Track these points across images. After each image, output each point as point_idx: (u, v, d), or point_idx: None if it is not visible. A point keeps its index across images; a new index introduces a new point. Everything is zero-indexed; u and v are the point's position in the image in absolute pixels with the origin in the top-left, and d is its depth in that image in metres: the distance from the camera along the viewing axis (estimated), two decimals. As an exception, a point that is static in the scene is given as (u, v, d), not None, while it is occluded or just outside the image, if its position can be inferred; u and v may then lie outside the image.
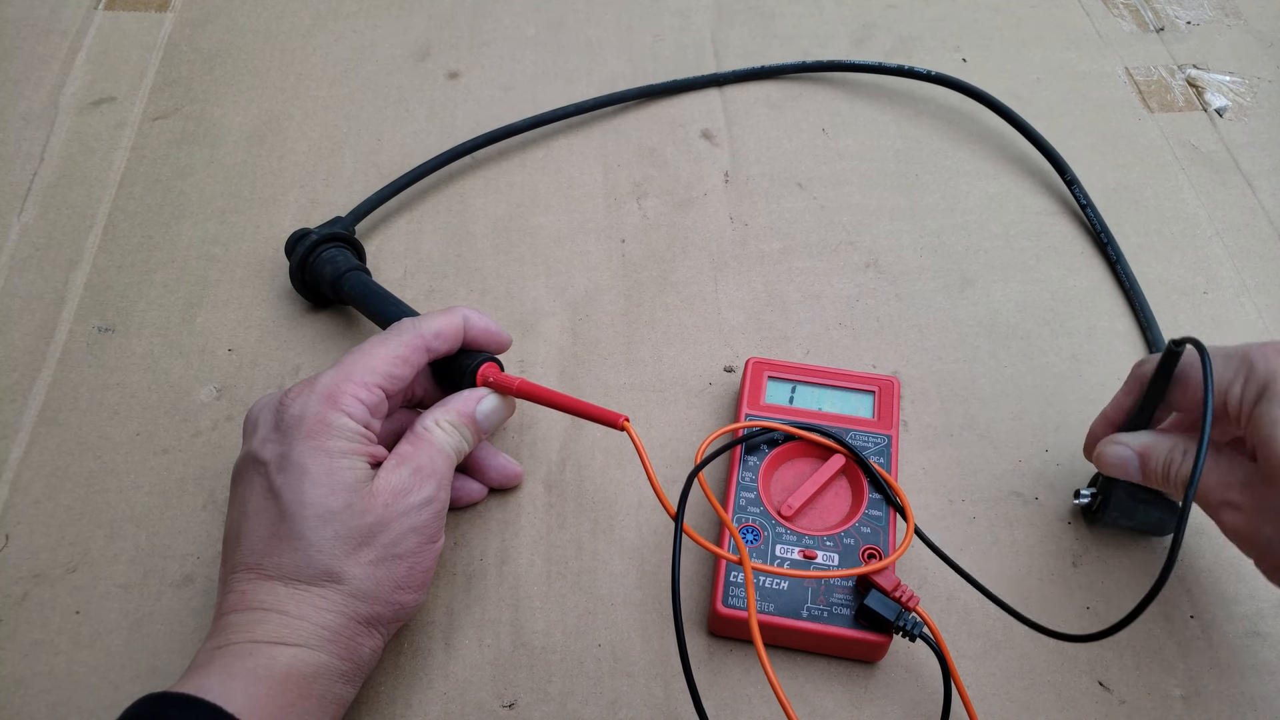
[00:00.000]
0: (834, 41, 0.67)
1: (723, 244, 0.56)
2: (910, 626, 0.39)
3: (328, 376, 0.39)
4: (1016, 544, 0.45)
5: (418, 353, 0.41)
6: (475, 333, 0.44)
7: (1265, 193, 0.59)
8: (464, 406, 0.42)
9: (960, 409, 0.49)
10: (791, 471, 0.45)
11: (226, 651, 0.35)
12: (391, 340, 0.41)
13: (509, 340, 0.45)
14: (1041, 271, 0.55)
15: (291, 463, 0.37)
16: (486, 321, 0.44)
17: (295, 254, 0.51)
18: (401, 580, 0.38)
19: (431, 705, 0.40)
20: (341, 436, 0.38)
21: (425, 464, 0.39)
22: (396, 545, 0.37)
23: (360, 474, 0.38)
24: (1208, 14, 0.70)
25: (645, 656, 0.42)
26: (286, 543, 0.36)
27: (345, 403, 0.38)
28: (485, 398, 0.43)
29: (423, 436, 0.40)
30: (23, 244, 0.55)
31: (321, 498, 0.36)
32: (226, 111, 0.62)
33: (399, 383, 0.40)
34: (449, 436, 0.41)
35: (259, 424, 0.39)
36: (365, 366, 0.39)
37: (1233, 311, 0.53)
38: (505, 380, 0.43)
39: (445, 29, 0.67)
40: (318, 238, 0.51)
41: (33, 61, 0.64)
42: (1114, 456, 0.41)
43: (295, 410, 0.38)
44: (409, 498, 0.38)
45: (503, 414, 0.44)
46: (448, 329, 0.42)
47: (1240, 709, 0.40)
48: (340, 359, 0.40)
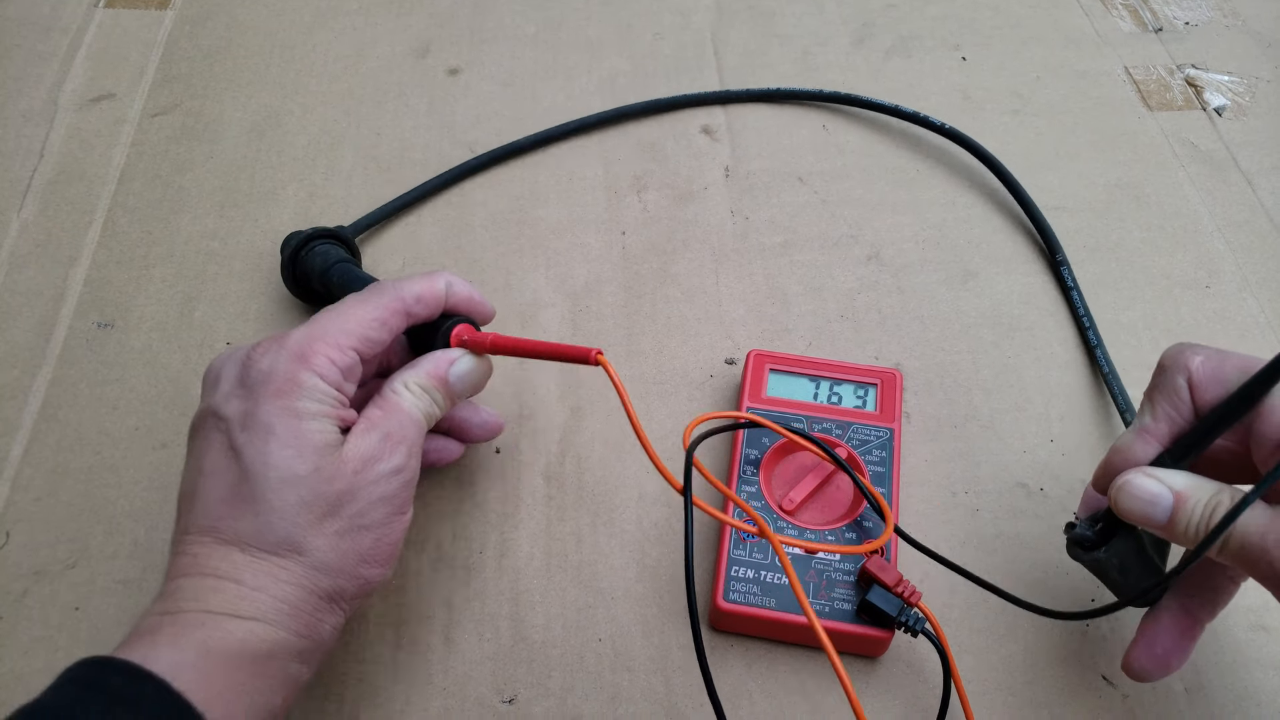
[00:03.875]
0: (834, 40, 0.67)
1: (723, 237, 0.56)
2: (912, 622, 0.39)
3: (299, 334, 0.37)
4: (1021, 535, 0.45)
5: (396, 315, 0.39)
6: (457, 300, 0.41)
7: (1265, 190, 0.59)
8: (436, 368, 0.39)
9: (963, 400, 0.49)
10: (793, 466, 0.45)
11: (177, 620, 0.32)
12: (370, 300, 0.38)
13: (492, 311, 0.43)
14: (1043, 263, 0.55)
15: (257, 421, 0.35)
16: (469, 289, 0.42)
17: (287, 248, 0.50)
18: (367, 553, 0.36)
19: (431, 700, 0.40)
20: (311, 397, 0.35)
21: (395, 430, 0.37)
22: (364, 516, 0.35)
23: (330, 438, 0.35)
24: (1206, 14, 0.70)
25: (646, 651, 0.42)
26: (246, 505, 0.34)
27: (317, 362, 0.36)
28: (459, 358, 0.40)
29: (391, 400, 0.38)
30: (22, 240, 0.55)
31: (287, 460, 0.34)
32: (226, 107, 0.62)
33: (375, 346, 0.38)
34: (419, 400, 0.38)
35: (221, 378, 0.37)
36: (340, 326, 0.37)
37: (1235, 306, 0.53)
38: (479, 338, 0.41)
39: (446, 26, 0.67)
40: (311, 232, 0.50)
41: (33, 58, 0.64)
42: (1143, 491, 0.33)
43: (263, 366, 0.36)
44: (379, 465, 0.36)
45: (478, 376, 0.41)
46: (429, 293, 0.40)
47: (1243, 703, 0.40)
48: (313, 317, 0.38)
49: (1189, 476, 0.33)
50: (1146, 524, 0.34)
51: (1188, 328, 0.52)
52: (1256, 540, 0.31)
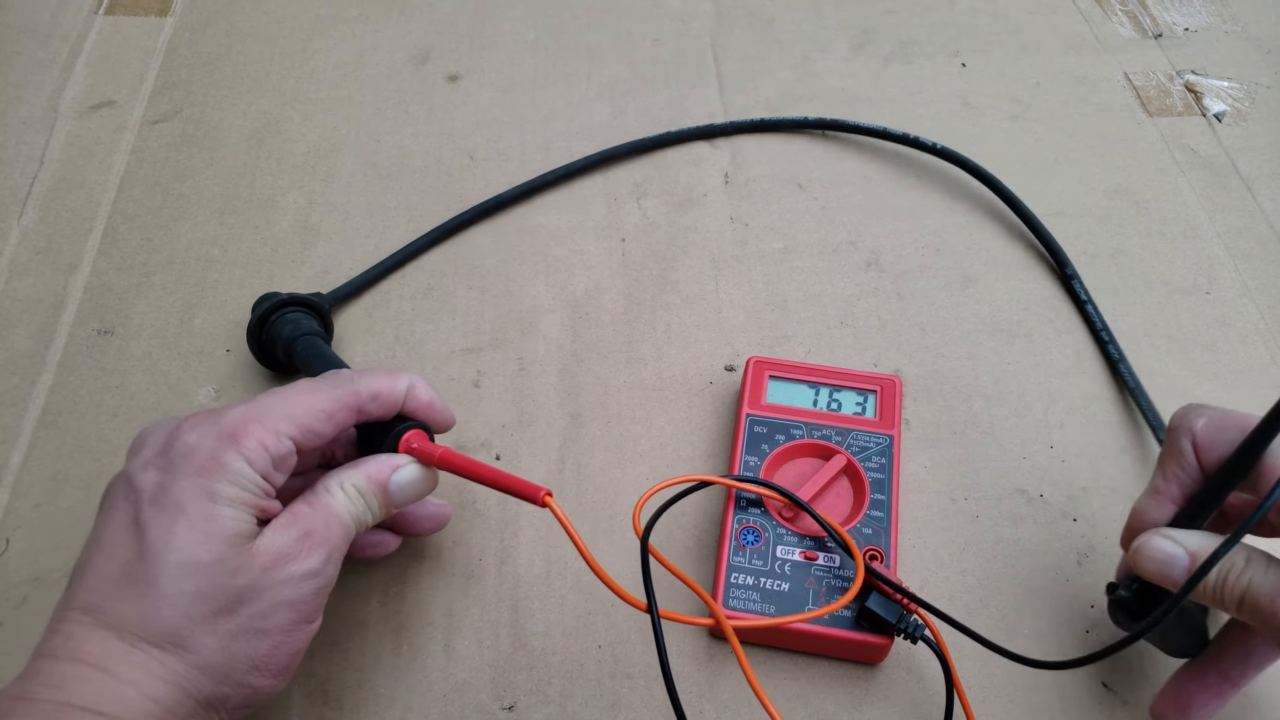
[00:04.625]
0: (833, 47, 0.67)
1: (723, 244, 0.56)
2: (912, 628, 0.39)
3: (236, 412, 0.34)
4: (1020, 542, 0.45)
5: (346, 410, 0.36)
6: (417, 405, 0.39)
7: (1265, 196, 0.59)
8: (377, 472, 0.37)
9: (963, 407, 0.49)
10: (793, 472, 0.45)
11: (30, 709, 0.29)
12: (321, 390, 0.36)
13: (451, 421, 0.41)
14: (1043, 270, 0.55)
15: (169, 497, 0.32)
16: (431, 395, 0.39)
17: (257, 310, 0.48)
18: (261, 660, 0.33)
19: (431, 707, 0.40)
20: (233, 481, 0.33)
21: (318, 529, 0.34)
22: (265, 618, 0.33)
23: (243, 527, 0.33)
24: (1205, 20, 0.70)
25: (646, 658, 0.41)
26: (137, 587, 0.31)
27: (247, 445, 0.33)
28: (404, 466, 0.37)
29: (322, 499, 0.35)
30: (22, 247, 0.55)
31: (192, 544, 0.31)
32: (226, 115, 0.62)
33: (316, 439, 0.35)
34: (352, 504, 0.36)
35: (145, 445, 0.34)
36: (282, 411, 0.35)
37: (1235, 312, 0.53)
38: (429, 449, 0.38)
39: (445, 33, 0.67)
40: (286, 298, 0.48)
41: (33, 66, 0.64)
42: (1159, 552, 0.34)
43: (189, 440, 0.33)
44: (291, 565, 0.33)
45: (421, 488, 0.38)
46: (387, 393, 0.37)
47: (1245, 710, 0.40)
48: (258, 397, 0.36)
49: (1204, 536, 0.35)
50: (1165, 583, 0.35)
51: (1187, 334, 0.52)
52: (1266, 602, 0.32)
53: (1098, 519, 0.45)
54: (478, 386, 0.50)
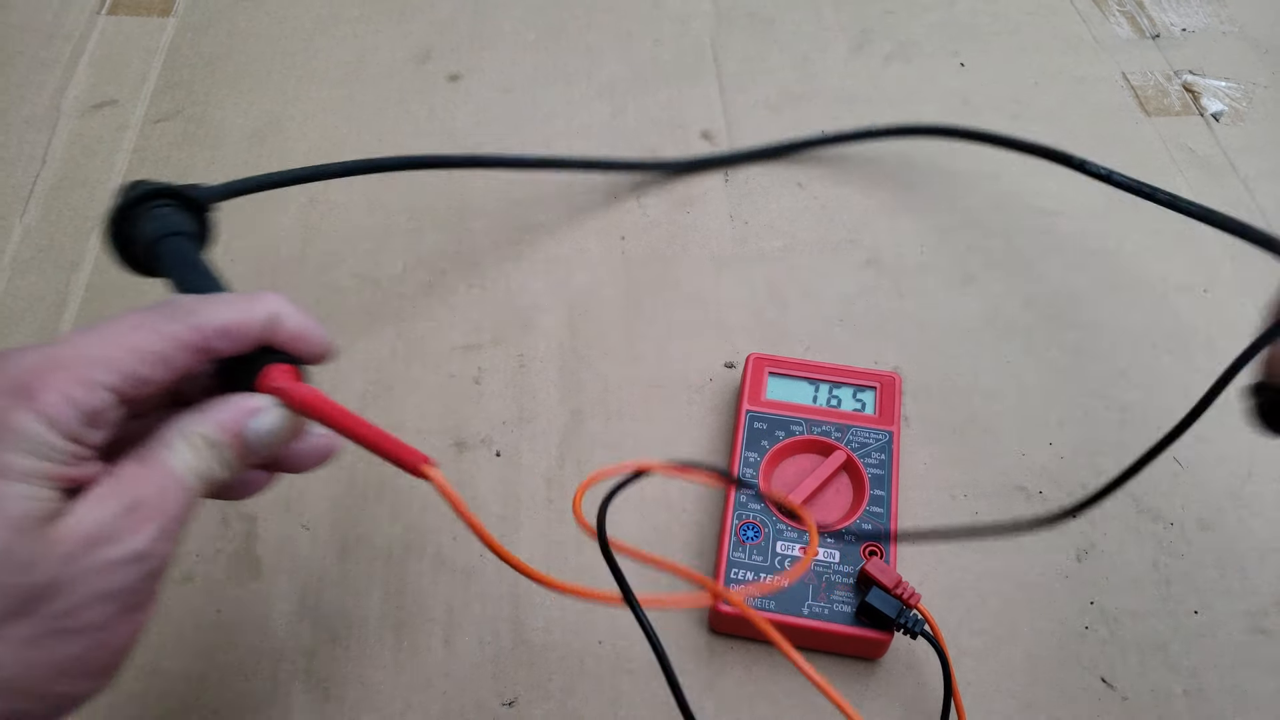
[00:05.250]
0: (833, 47, 0.67)
1: (723, 242, 0.56)
2: (911, 624, 0.39)
3: (31, 356, 0.26)
4: (1020, 538, 0.45)
5: (185, 351, 0.28)
6: (283, 336, 0.31)
7: (1263, 195, 0.59)
8: (230, 418, 0.29)
9: (962, 404, 0.49)
10: (793, 468, 0.45)
11: None
12: (151, 324, 0.28)
13: (327, 351, 0.33)
14: (1043, 267, 0.55)
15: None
16: (303, 323, 0.31)
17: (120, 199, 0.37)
18: (70, 665, 0.26)
19: (431, 704, 0.40)
20: (24, 449, 0.25)
21: (149, 498, 0.27)
22: (73, 616, 0.26)
23: (39, 507, 0.25)
24: (1203, 21, 0.70)
25: (647, 654, 0.41)
26: None
27: (46, 400, 0.25)
28: (264, 410, 0.30)
29: (157, 455, 0.28)
30: (25, 246, 0.55)
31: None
32: (228, 114, 0.62)
33: (146, 387, 0.28)
34: (197, 459, 0.29)
35: None
36: (97, 354, 0.27)
37: (1233, 310, 0.53)
38: (296, 392, 0.30)
39: (446, 33, 0.68)
40: (151, 189, 0.38)
41: (35, 65, 0.64)
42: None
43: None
44: (107, 549, 0.26)
45: (285, 435, 0.31)
46: (240, 327, 0.29)
47: (1244, 707, 0.40)
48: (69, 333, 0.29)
49: None
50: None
51: (1186, 332, 0.52)
52: None
53: (1097, 516, 0.45)
54: (478, 383, 0.50)
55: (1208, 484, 0.47)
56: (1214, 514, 0.45)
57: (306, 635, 0.42)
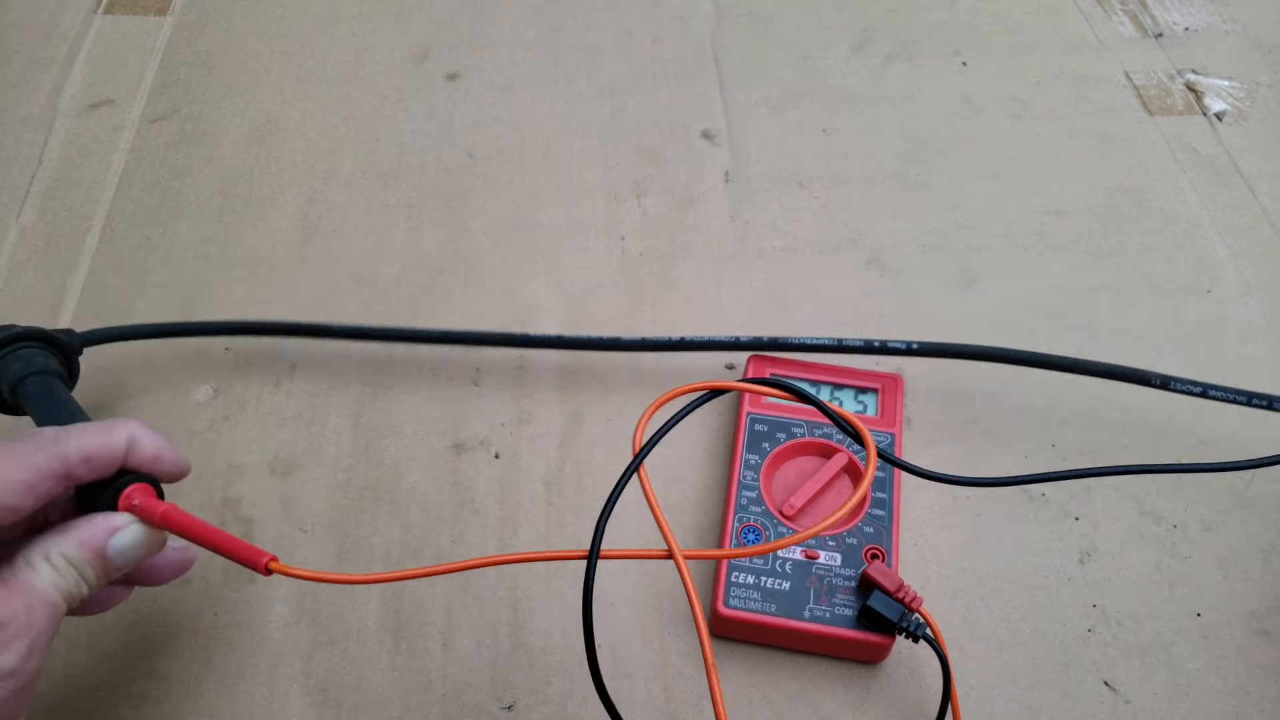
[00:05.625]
0: (834, 46, 0.67)
1: (723, 242, 0.56)
2: (913, 628, 0.38)
3: None
4: (1023, 540, 0.44)
5: (50, 480, 0.30)
6: (141, 459, 0.32)
7: (1266, 195, 0.59)
8: (92, 537, 0.31)
9: (964, 405, 0.49)
10: (793, 470, 0.45)
11: None
12: (16, 457, 0.29)
13: (184, 470, 0.34)
14: (1044, 268, 0.55)
15: None
16: (159, 445, 0.33)
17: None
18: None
19: (430, 707, 0.40)
20: None
21: (16, 618, 0.28)
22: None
23: None
24: (1206, 20, 0.70)
25: (645, 657, 0.41)
26: None
27: None
28: (125, 527, 0.31)
29: (21, 576, 0.29)
30: (21, 246, 0.55)
31: None
32: (225, 113, 0.62)
33: (10, 515, 0.29)
34: (60, 577, 0.30)
35: None
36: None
37: (1236, 311, 0.53)
38: (150, 507, 0.32)
39: (445, 32, 0.67)
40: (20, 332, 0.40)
41: (32, 64, 0.64)
42: None
43: None
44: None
45: (146, 550, 0.32)
46: (101, 453, 0.31)
47: (1246, 709, 0.40)
48: None
49: None
50: None
51: (1188, 332, 0.52)
52: None
53: (1100, 518, 0.45)
54: (477, 384, 0.50)
55: (1210, 486, 0.46)
56: (1217, 516, 0.45)
57: (304, 638, 0.42)
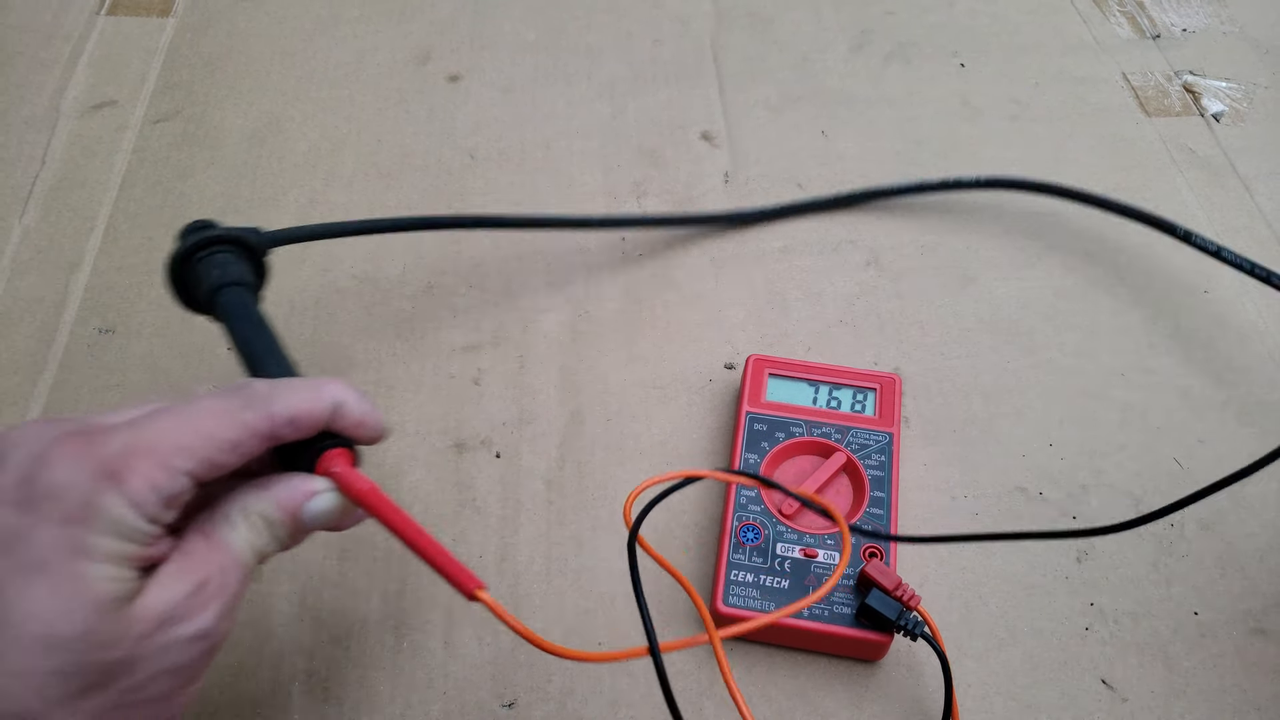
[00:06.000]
0: (833, 47, 0.67)
1: (723, 242, 0.56)
2: (911, 626, 0.39)
3: (119, 439, 0.27)
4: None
5: (256, 439, 0.30)
6: (345, 423, 0.32)
7: (1263, 196, 0.59)
8: (289, 498, 0.31)
9: (962, 405, 0.49)
10: (793, 469, 0.45)
11: None
12: (226, 414, 0.29)
13: (384, 434, 0.34)
14: (1043, 268, 0.55)
15: (28, 549, 0.26)
16: (364, 410, 0.33)
17: (184, 242, 0.40)
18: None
19: (431, 704, 0.40)
20: (110, 531, 0.26)
21: (214, 578, 0.29)
22: (141, 689, 0.27)
23: (120, 588, 0.27)
24: (1203, 21, 0.70)
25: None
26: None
27: (132, 485, 0.27)
28: (322, 493, 0.32)
29: (220, 531, 0.30)
30: (24, 246, 0.55)
31: (53, 614, 0.25)
32: (227, 114, 0.62)
33: (217, 472, 0.29)
34: (255, 535, 0.30)
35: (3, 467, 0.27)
36: (177, 441, 0.28)
37: (1233, 311, 0.53)
38: (352, 481, 0.32)
39: (446, 34, 0.68)
40: (219, 234, 0.41)
41: (35, 66, 0.64)
42: None
43: (59, 476, 0.26)
44: (178, 628, 0.27)
45: (335, 517, 0.32)
46: (307, 417, 0.31)
47: (1243, 707, 0.40)
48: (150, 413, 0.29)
49: None
50: None
51: (1186, 332, 0.52)
52: None
53: (1097, 517, 0.45)
54: (478, 384, 0.50)
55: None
56: (1214, 515, 0.45)
57: (306, 636, 0.42)
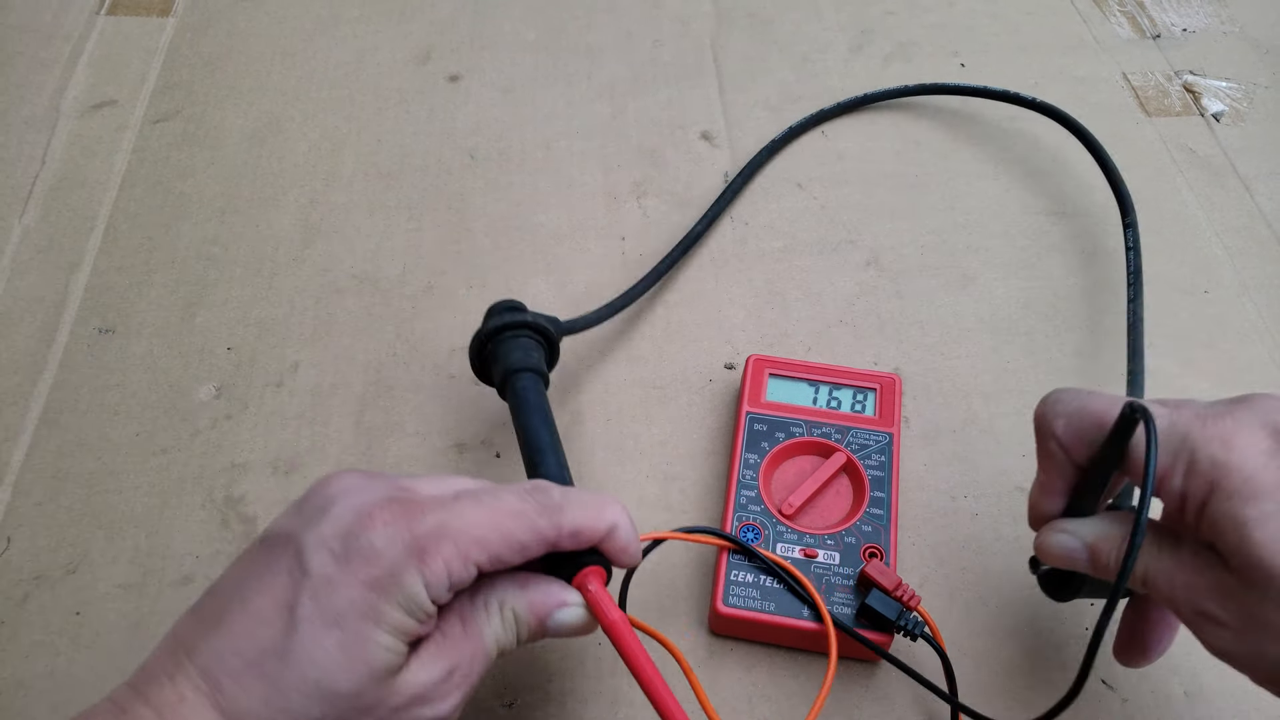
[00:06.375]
0: (833, 48, 0.67)
1: (723, 243, 0.56)
2: (911, 626, 0.39)
3: (432, 520, 0.30)
4: (1020, 539, 0.45)
5: (541, 545, 0.32)
6: (613, 547, 0.34)
7: (1263, 196, 0.59)
8: (543, 602, 0.33)
9: (962, 405, 0.49)
10: (793, 470, 0.45)
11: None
12: (524, 517, 0.32)
13: (638, 564, 0.36)
14: (1043, 269, 0.55)
15: (332, 600, 0.29)
16: (631, 538, 0.34)
17: (487, 320, 0.44)
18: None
19: (431, 704, 0.40)
20: (403, 605, 0.29)
21: (463, 665, 0.31)
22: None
23: (393, 660, 0.30)
24: (1204, 21, 0.70)
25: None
26: (264, 686, 0.28)
27: (432, 567, 0.30)
28: (572, 606, 0.33)
29: (477, 621, 0.32)
30: (24, 246, 0.55)
31: (334, 668, 0.29)
32: (227, 114, 0.62)
33: (501, 566, 0.31)
34: (504, 631, 0.32)
35: (330, 512, 0.31)
36: (477, 534, 0.31)
37: (1233, 311, 0.53)
38: (603, 602, 0.33)
39: (446, 33, 0.68)
40: (527, 319, 0.43)
41: (35, 65, 0.64)
42: (1059, 548, 0.34)
43: (377, 541, 0.29)
44: (424, 709, 0.30)
45: (579, 631, 0.34)
46: (589, 533, 0.33)
47: (1243, 707, 0.40)
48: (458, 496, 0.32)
49: (1098, 522, 0.34)
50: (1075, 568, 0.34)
51: (1186, 333, 0.52)
52: (1165, 589, 0.32)
53: (1097, 517, 0.45)
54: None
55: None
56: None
57: (306, 637, 0.42)
